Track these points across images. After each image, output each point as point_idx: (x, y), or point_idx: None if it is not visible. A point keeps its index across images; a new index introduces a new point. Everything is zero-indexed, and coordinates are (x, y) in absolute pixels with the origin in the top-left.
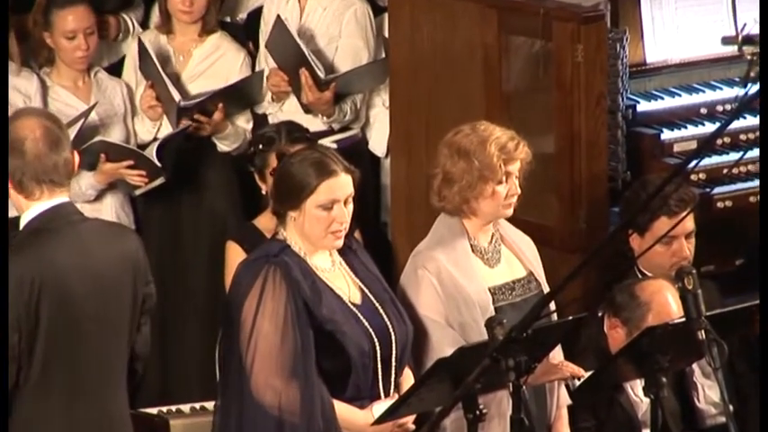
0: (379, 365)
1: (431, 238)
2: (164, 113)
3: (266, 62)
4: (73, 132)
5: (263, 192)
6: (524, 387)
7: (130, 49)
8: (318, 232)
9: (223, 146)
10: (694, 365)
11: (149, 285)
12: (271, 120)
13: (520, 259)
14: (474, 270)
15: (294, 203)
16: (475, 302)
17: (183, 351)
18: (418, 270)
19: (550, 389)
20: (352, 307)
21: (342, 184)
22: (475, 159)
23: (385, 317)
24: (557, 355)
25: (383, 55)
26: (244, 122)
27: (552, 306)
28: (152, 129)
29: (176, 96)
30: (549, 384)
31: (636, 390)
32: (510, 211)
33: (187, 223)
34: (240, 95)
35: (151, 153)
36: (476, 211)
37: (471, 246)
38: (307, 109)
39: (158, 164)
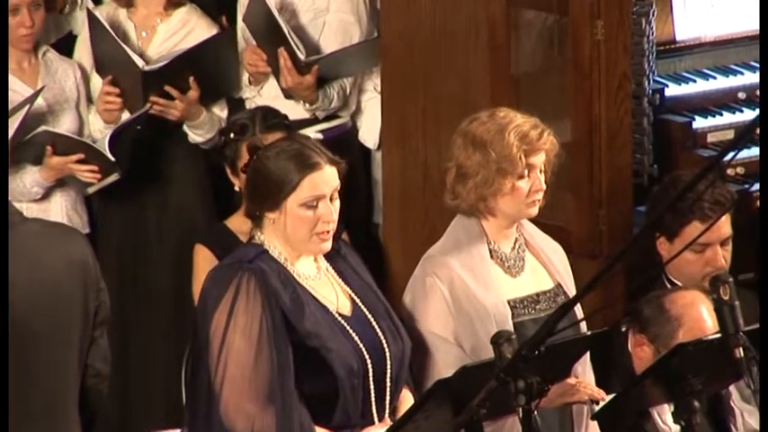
0: (372, 387)
1: (445, 240)
2: (125, 109)
3: (244, 38)
4: (16, 122)
5: (236, 188)
6: (536, 413)
7: (83, 25)
8: (303, 234)
9: (196, 136)
10: (731, 388)
11: (101, 293)
12: (248, 105)
13: (547, 269)
14: (492, 279)
15: (273, 204)
16: (491, 316)
17: (145, 371)
18: (428, 278)
19: (578, 421)
20: (340, 319)
21: (326, 178)
22: (491, 151)
23: (378, 331)
24: (587, 374)
25: (377, 32)
26: (218, 110)
27: (580, 313)
28: (104, 129)
29: (139, 62)
30: (577, 415)
31: (664, 416)
32: (534, 211)
33: (150, 225)
34: (212, 58)
35: (103, 145)
36: (494, 210)
37: (491, 251)
38: (288, 94)
39: (111, 158)
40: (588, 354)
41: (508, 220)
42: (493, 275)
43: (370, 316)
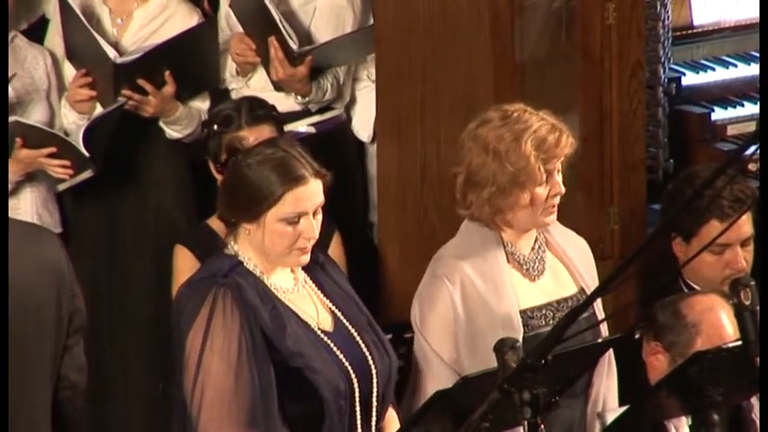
0: (358, 407)
1: (457, 241)
2: (97, 102)
3: (228, 25)
4: None
5: (220, 184)
6: (542, 426)
7: (56, 9)
8: (280, 249)
9: (173, 132)
10: (753, 399)
11: (76, 298)
12: (234, 97)
13: (570, 271)
14: (507, 288)
15: (251, 215)
16: (498, 332)
17: (122, 388)
18: (437, 280)
19: None
20: (322, 336)
21: (311, 193)
22: (507, 163)
23: (363, 346)
24: (607, 383)
25: (372, 20)
26: (199, 102)
27: (600, 314)
28: (79, 121)
29: (111, 54)
30: (587, 429)
31: (681, 430)
32: (552, 218)
33: (127, 225)
34: (191, 51)
35: (77, 138)
36: (511, 222)
37: (509, 253)
38: (278, 85)
39: (86, 152)
40: (606, 360)
41: (525, 229)
42: (508, 283)
43: (353, 330)
